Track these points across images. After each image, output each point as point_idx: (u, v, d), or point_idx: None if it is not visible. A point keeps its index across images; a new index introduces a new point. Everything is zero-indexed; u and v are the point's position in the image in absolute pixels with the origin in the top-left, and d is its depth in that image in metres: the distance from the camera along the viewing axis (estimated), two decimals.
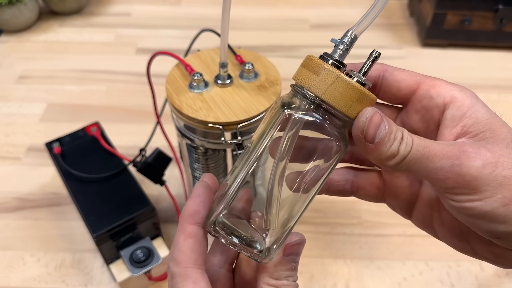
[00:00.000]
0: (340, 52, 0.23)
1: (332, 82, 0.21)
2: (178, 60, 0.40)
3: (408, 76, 0.24)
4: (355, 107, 0.22)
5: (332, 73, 0.21)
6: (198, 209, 0.24)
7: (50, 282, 0.48)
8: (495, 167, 0.21)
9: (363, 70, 0.23)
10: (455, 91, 0.23)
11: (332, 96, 0.21)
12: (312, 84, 0.22)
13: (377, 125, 0.21)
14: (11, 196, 0.57)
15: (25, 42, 0.83)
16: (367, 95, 0.22)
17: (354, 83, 0.22)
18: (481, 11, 0.76)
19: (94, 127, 0.51)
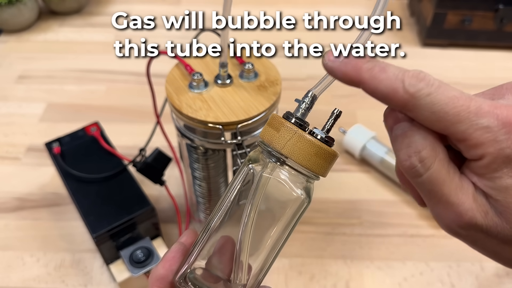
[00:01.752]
0: (302, 111, 0.24)
1: (290, 137, 0.23)
2: (178, 60, 0.40)
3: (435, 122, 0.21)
4: (315, 161, 0.23)
5: (290, 129, 0.23)
6: (166, 273, 0.25)
7: (50, 282, 0.48)
8: None
9: (326, 128, 0.24)
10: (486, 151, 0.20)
11: (290, 150, 0.23)
12: (273, 140, 0.23)
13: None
14: (11, 196, 0.57)
15: (25, 42, 0.83)
16: (325, 149, 0.23)
17: (310, 138, 0.23)
18: (481, 11, 0.76)
19: (94, 127, 0.51)
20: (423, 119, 0.21)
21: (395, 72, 0.22)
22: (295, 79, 0.75)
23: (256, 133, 0.39)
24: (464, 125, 0.20)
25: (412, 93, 0.21)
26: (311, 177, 0.24)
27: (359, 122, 0.62)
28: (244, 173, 0.25)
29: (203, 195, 0.46)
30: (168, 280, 0.25)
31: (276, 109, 0.40)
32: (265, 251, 0.25)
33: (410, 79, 0.21)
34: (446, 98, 0.21)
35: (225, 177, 0.45)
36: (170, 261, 0.25)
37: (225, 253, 0.26)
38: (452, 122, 0.20)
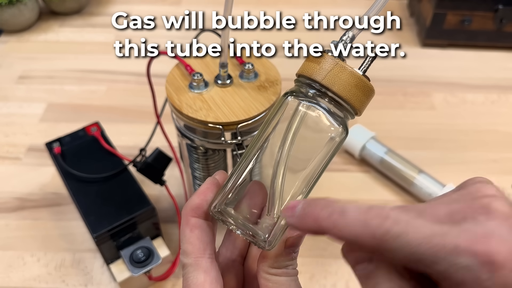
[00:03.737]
0: (340, 48, 0.24)
1: (331, 68, 0.23)
2: (178, 60, 0.40)
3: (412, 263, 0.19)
4: (354, 93, 0.23)
5: (332, 60, 0.23)
6: (201, 203, 0.25)
7: (50, 282, 0.48)
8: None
9: (363, 68, 0.24)
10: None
11: (331, 80, 0.23)
12: (313, 72, 0.23)
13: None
14: (11, 196, 0.57)
15: (25, 42, 0.83)
16: (365, 81, 0.23)
17: (351, 68, 0.23)
18: (481, 11, 0.76)
19: (94, 127, 0.51)
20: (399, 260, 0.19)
21: (355, 215, 0.19)
22: None
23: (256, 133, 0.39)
24: (443, 265, 0.18)
25: (379, 237, 0.19)
26: (349, 110, 0.24)
27: (359, 123, 0.62)
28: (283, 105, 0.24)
29: None
30: (203, 210, 0.25)
31: None
32: (300, 183, 0.25)
33: (374, 220, 0.19)
34: (419, 239, 0.18)
35: None
36: (205, 192, 0.25)
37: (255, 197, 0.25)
38: (430, 263, 0.18)
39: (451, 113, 0.69)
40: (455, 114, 0.69)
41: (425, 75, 0.76)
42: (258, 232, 0.24)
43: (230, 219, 0.25)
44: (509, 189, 0.58)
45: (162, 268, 0.46)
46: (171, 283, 0.48)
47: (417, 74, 0.77)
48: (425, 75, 0.77)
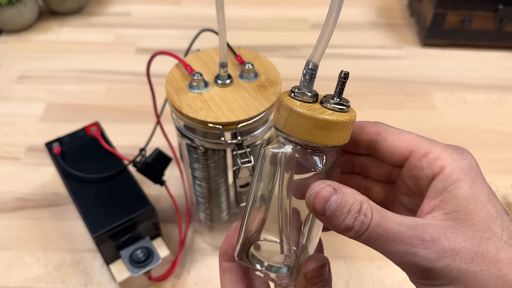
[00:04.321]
0: (304, 83, 0.23)
1: (287, 116, 0.22)
2: (178, 60, 0.40)
3: (401, 142, 0.24)
4: (317, 134, 0.22)
5: (286, 108, 0.22)
6: (227, 249, 0.27)
7: (50, 282, 0.48)
8: (452, 260, 0.20)
9: (336, 92, 0.23)
10: (446, 161, 0.22)
11: (290, 128, 0.22)
12: (276, 120, 0.23)
13: (326, 199, 0.21)
14: (11, 196, 0.57)
15: (25, 42, 0.83)
16: (324, 120, 0.22)
17: (304, 112, 0.22)
18: (481, 11, 0.76)
19: (94, 127, 0.51)
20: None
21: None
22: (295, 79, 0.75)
23: (256, 133, 0.39)
24: None
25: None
26: (318, 148, 0.23)
27: None
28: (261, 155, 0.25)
29: (203, 195, 0.46)
30: (230, 255, 0.27)
31: None
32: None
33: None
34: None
35: (225, 177, 0.45)
36: (229, 238, 0.27)
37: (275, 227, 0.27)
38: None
39: (451, 113, 0.69)
40: (455, 114, 0.69)
41: (425, 75, 0.76)
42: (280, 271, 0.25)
43: (254, 261, 0.26)
44: (509, 189, 0.58)
45: (162, 268, 0.46)
46: (171, 283, 0.48)
47: (417, 74, 0.77)
48: (425, 75, 0.77)
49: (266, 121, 0.39)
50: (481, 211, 0.21)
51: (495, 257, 0.20)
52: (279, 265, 0.25)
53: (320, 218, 0.22)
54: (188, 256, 0.51)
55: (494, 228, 0.20)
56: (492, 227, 0.20)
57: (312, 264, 0.24)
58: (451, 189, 0.21)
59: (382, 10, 0.93)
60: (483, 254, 0.20)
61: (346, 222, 0.21)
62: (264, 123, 0.39)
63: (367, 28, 0.87)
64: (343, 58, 0.80)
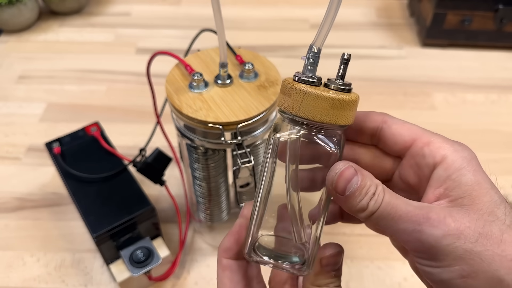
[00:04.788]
0: (309, 67, 0.24)
1: (302, 99, 0.23)
2: (178, 60, 0.40)
3: (405, 130, 0.25)
4: (334, 114, 0.23)
5: (299, 91, 0.23)
6: (231, 246, 0.27)
7: (50, 282, 0.48)
8: (456, 239, 0.20)
9: (339, 75, 0.24)
10: (448, 151, 0.23)
11: (306, 111, 0.23)
12: (288, 106, 0.23)
13: (348, 179, 0.22)
14: (11, 196, 0.57)
15: (25, 42, 0.83)
16: (339, 99, 0.22)
17: (320, 93, 0.22)
18: (481, 11, 0.76)
19: (94, 127, 0.51)
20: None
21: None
22: None
23: (256, 133, 0.39)
24: None
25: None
26: (334, 127, 0.23)
27: None
28: (272, 143, 0.25)
29: (203, 195, 0.46)
30: (233, 251, 0.27)
31: (276, 109, 0.40)
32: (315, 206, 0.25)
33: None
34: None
35: (225, 177, 0.45)
36: (234, 235, 0.27)
37: (286, 219, 0.26)
38: None
39: (451, 113, 0.69)
40: (455, 114, 0.69)
41: (425, 75, 0.76)
42: (295, 260, 0.25)
43: (265, 257, 0.26)
44: (509, 188, 0.58)
45: (162, 268, 0.46)
46: (171, 283, 0.48)
47: (417, 74, 0.77)
48: (425, 75, 0.77)
49: (266, 121, 0.39)
50: (485, 196, 0.21)
51: (499, 238, 0.20)
52: (289, 254, 0.26)
53: (338, 197, 0.23)
54: (188, 256, 0.51)
55: (497, 213, 0.21)
56: (496, 211, 0.21)
57: (329, 250, 0.25)
58: (455, 177, 0.22)
59: (382, 10, 0.93)
60: (487, 235, 0.20)
61: (363, 203, 0.22)
62: (264, 123, 0.39)
63: (367, 28, 0.87)
64: None
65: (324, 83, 0.24)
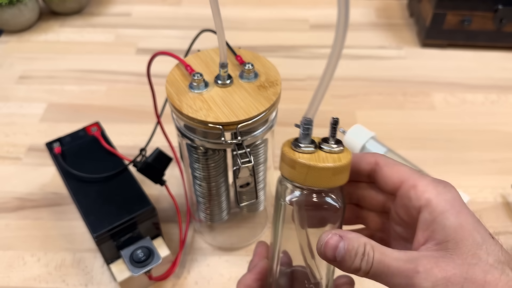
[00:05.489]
0: (304, 135, 0.27)
1: (307, 172, 0.26)
2: (178, 60, 0.40)
3: (394, 173, 0.27)
4: (336, 178, 0.26)
5: (303, 165, 0.26)
6: (251, 283, 0.30)
7: (50, 282, 0.48)
8: (445, 287, 0.22)
9: (331, 136, 0.27)
10: (432, 194, 0.25)
11: (312, 181, 0.26)
12: (294, 176, 0.26)
13: (334, 247, 0.25)
14: (11, 196, 0.57)
15: (26, 42, 0.84)
16: (339, 166, 0.26)
17: (324, 165, 0.25)
18: (480, 11, 0.76)
19: (95, 127, 0.51)
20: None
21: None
22: (295, 79, 0.75)
23: (256, 133, 0.39)
24: None
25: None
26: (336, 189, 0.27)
27: (359, 123, 0.62)
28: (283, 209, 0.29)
29: (203, 195, 0.46)
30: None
31: (276, 109, 0.40)
32: None
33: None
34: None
35: (225, 177, 0.45)
36: (255, 274, 0.31)
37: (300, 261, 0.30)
38: None
39: (451, 113, 0.70)
40: (455, 114, 0.69)
41: (425, 75, 0.77)
42: None
43: None
44: (508, 189, 0.58)
45: (162, 268, 0.47)
46: (171, 283, 0.48)
47: (417, 74, 0.77)
48: (425, 75, 0.77)
49: (266, 121, 0.39)
50: (467, 239, 0.23)
51: (482, 280, 0.22)
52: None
53: (332, 263, 0.25)
54: (188, 256, 0.51)
55: (480, 254, 0.23)
56: (478, 253, 0.23)
57: (343, 280, 0.30)
58: (439, 220, 0.24)
59: (381, 10, 0.93)
60: (471, 279, 0.22)
61: (355, 265, 0.24)
62: (264, 123, 0.39)
63: (367, 29, 0.87)
64: (342, 58, 0.80)
65: (319, 146, 0.27)
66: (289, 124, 0.67)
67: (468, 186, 0.58)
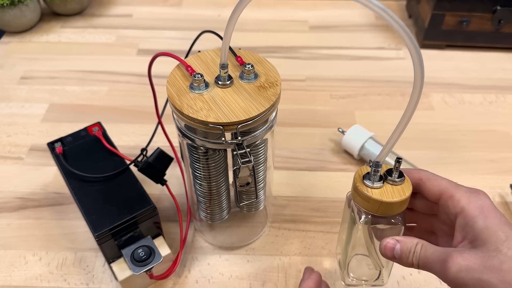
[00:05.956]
0: (374, 175, 0.35)
1: (379, 205, 0.34)
2: (179, 61, 0.41)
3: (435, 186, 0.34)
4: (400, 207, 0.35)
5: (376, 201, 0.34)
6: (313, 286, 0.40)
7: (52, 281, 0.49)
8: (467, 272, 0.29)
9: (395, 170, 0.35)
10: (464, 203, 0.32)
11: (383, 211, 0.35)
12: (367, 207, 0.35)
13: (392, 248, 0.33)
14: (13, 195, 0.57)
15: (27, 43, 0.84)
16: (404, 199, 0.34)
17: (393, 200, 0.33)
18: (479, 12, 0.76)
19: (96, 127, 0.51)
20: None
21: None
22: (295, 80, 0.76)
23: (256, 133, 0.39)
24: None
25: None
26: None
27: (358, 123, 0.63)
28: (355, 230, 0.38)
29: (203, 195, 0.46)
30: None
31: (276, 110, 0.40)
32: None
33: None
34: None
35: (225, 177, 0.45)
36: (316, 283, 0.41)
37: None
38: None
39: (450, 113, 0.70)
40: (453, 114, 0.70)
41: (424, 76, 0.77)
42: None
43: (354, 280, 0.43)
44: (507, 188, 0.58)
45: (163, 266, 0.47)
46: (172, 282, 0.49)
47: None
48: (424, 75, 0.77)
49: (266, 121, 0.40)
50: (492, 237, 0.29)
51: (499, 268, 0.28)
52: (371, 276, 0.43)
53: (393, 260, 0.34)
54: (189, 255, 0.51)
55: (501, 248, 0.29)
56: (499, 247, 0.29)
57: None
58: (471, 224, 0.31)
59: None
60: (489, 266, 0.28)
61: (409, 260, 0.32)
62: (264, 123, 0.40)
63: (366, 30, 0.88)
64: (342, 59, 0.80)
65: (384, 177, 0.35)
66: (289, 124, 0.68)
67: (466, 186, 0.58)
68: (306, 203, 0.57)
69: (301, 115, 0.69)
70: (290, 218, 0.55)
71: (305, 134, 0.66)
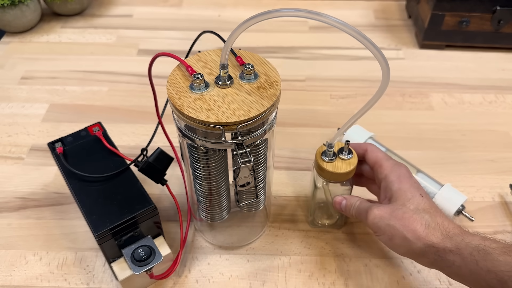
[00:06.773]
0: (328, 152, 0.46)
1: (330, 175, 0.46)
2: (179, 61, 0.41)
3: (373, 157, 0.46)
4: (347, 176, 0.46)
5: (328, 172, 0.46)
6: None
7: (52, 281, 0.49)
8: (379, 219, 0.41)
9: (344, 150, 0.46)
10: (387, 171, 0.44)
11: (333, 179, 0.47)
12: (323, 175, 0.47)
13: (339, 203, 0.47)
14: (14, 195, 0.57)
15: (28, 43, 0.84)
16: (346, 173, 0.45)
17: (339, 172, 0.45)
18: (479, 12, 0.77)
19: (96, 127, 0.51)
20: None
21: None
22: (294, 80, 0.76)
23: (256, 133, 0.39)
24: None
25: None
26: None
27: (358, 123, 0.63)
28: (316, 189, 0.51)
29: (204, 194, 0.46)
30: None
31: (275, 110, 0.40)
32: None
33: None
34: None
35: (225, 177, 0.45)
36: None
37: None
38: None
39: (449, 113, 0.70)
40: (453, 114, 0.70)
41: (423, 76, 0.77)
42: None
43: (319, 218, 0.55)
44: (506, 188, 0.58)
45: (163, 266, 0.47)
46: (172, 281, 0.49)
47: (415, 75, 0.77)
48: (423, 76, 0.77)
49: (266, 121, 0.40)
50: (401, 196, 0.41)
51: (402, 216, 0.40)
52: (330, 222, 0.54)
53: (340, 211, 0.47)
54: (189, 255, 0.51)
55: (406, 203, 0.41)
56: (405, 203, 0.41)
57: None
58: (390, 186, 0.43)
59: (380, 11, 0.94)
60: (396, 216, 0.40)
61: (351, 212, 0.45)
62: (264, 123, 0.40)
63: (366, 30, 0.88)
64: (342, 59, 0.80)
65: (337, 154, 0.46)
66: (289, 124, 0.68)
67: (466, 186, 0.58)
68: (306, 203, 0.57)
69: (301, 115, 0.69)
70: (290, 218, 0.55)
71: (305, 134, 0.66)
